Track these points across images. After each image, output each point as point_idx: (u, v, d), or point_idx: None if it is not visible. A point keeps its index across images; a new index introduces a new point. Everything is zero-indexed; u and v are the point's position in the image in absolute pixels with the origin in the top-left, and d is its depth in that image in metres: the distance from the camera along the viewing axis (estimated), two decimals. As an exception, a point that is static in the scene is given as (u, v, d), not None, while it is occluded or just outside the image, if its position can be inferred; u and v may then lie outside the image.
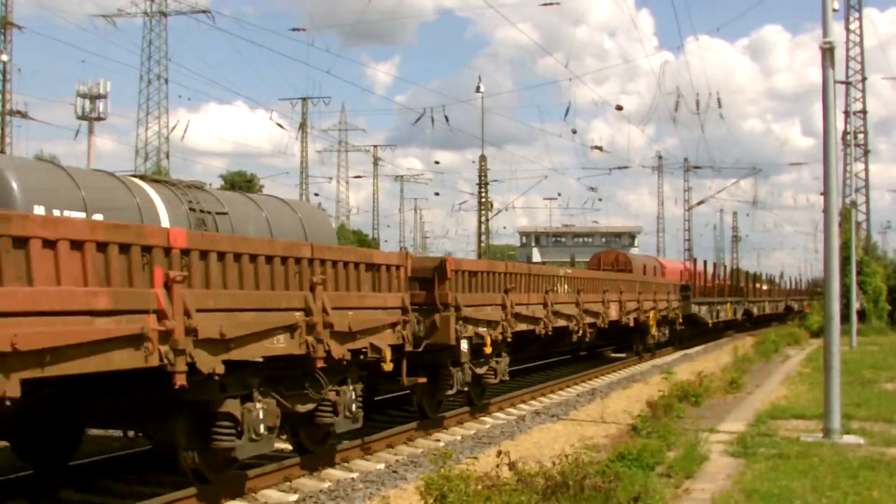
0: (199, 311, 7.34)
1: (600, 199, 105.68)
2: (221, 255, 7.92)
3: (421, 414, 13.50)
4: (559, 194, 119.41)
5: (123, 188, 10.83)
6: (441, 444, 12.48)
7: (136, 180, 11.49)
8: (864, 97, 43.72)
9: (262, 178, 69.02)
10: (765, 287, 54.31)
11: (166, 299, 7.02)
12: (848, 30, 42.92)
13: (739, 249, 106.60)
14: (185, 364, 7.19)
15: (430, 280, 12.48)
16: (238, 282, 8.14)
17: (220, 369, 7.63)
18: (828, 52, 12.41)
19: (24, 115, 40.58)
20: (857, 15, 43.18)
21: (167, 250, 7.21)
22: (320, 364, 9.31)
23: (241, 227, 12.50)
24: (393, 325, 10.98)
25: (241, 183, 71.32)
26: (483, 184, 53.46)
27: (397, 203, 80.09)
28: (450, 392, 13.30)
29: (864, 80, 43.52)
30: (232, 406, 8.29)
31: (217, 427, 8.30)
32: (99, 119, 76.61)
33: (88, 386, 7.39)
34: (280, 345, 8.60)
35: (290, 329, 8.75)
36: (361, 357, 10.34)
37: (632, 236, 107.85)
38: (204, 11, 54.65)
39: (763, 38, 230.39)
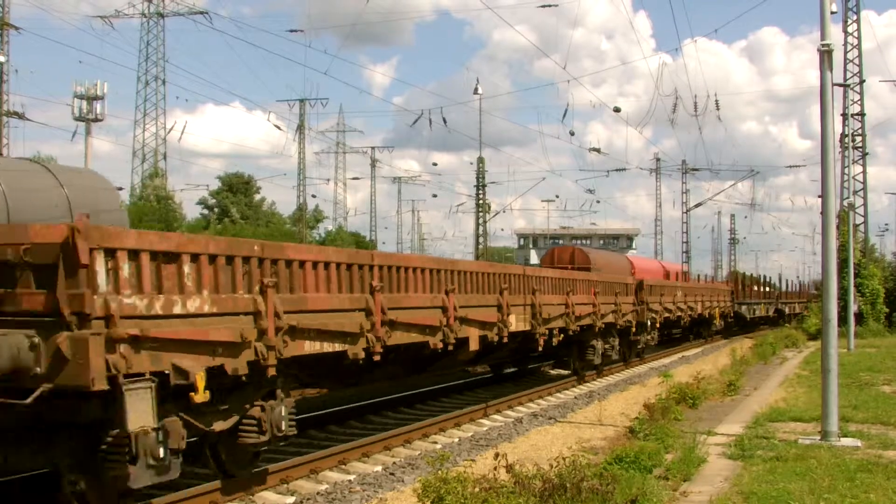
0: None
1: (598, 201, 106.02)
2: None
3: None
4: (557, 196, 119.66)
5: None
6: (438, 446, 12.47)
7: None
8: (861, 100, 43.75)
9: (259, 180, 68.99)
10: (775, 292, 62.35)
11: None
12: (846, 32, 42.92)
13: (737, 252, 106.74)
14: None
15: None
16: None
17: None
18: (826, 55, 12.41)
19: (21, 116, 40.51)
20: (855, 17, 43.21)
21: None
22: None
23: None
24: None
25: (238, 184, 71.36)
26: (481, 185, 53.51)
27: (395, 205, 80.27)
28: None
29: (862, 82, 43.52)
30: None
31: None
32: (96, 120, 76.49)
33: None
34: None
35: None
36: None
37: (630, 238, 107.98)
38: (202, 13, 54.80)
39: (760, 41, 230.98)
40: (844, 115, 41.33)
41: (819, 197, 15.24)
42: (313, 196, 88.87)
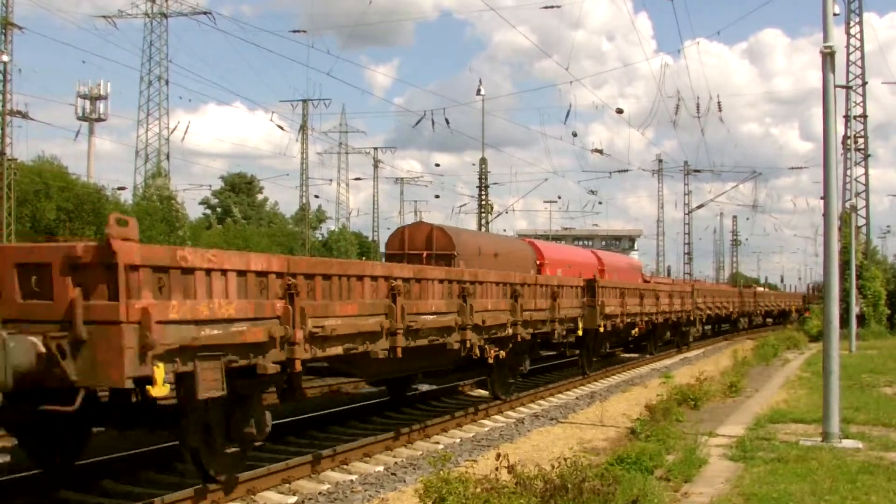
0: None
1: (600, 203, 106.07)
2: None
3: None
4: (559, 197, 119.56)
5: None
6: (440, 446, 12.49)
7: None
8: (864, 101, 43.75)
9: (262, 180, 69.05)
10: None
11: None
12: (848, 34, 42.92)
13: (739, 253, 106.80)
14: None
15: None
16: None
17: None
18: (828, 57, 12.42)
19: (24, 116, 40.57)
20: (857, 19, 43.21)
21: None
22: None
23: None
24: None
25: (241, 184, 71.45)
26: (483, 186, 53.51)
27: (397, 205, 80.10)
28: None
29: (864, 84, 43.52)
30: None
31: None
32: (99, 120, 76.57)
33: None
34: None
35: None
36: None
37: (632, 239, 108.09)
38: (205, 13, 54.82)
39: (762, 42, 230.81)
40: (846, 117, 41.31)
41: (821, 199, 15.24)
42: (316, 196, 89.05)
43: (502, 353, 14.49)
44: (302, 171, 66.88)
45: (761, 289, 72.28)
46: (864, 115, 43.68)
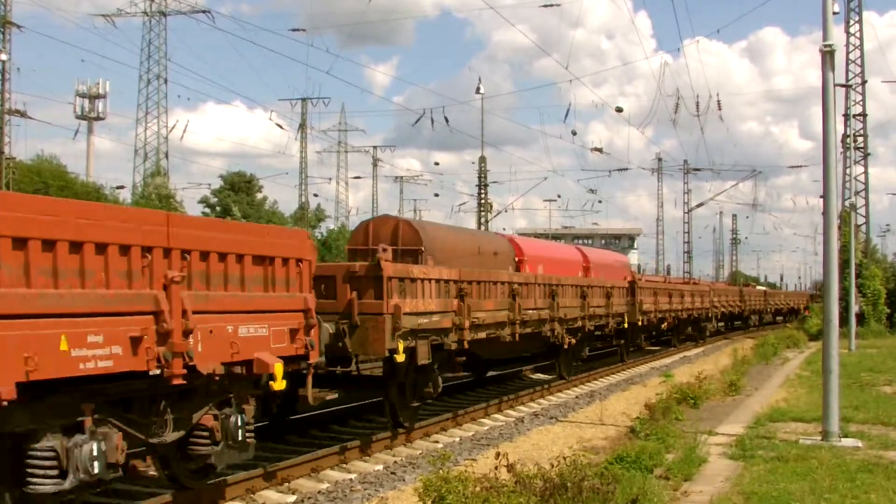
0: None
1: (600, 201, 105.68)
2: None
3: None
4: (559, 196, 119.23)
5: None
6: (439, 445, 12.48)
7: None
8: (864, 100, 43.72)
9: (261, 179, 68.90)
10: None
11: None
12: (848, 33, 42.88)
13: (739, 252, 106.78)
14: None
15: None
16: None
17: None
18: (828, 55, 12.41)
19: (23, 115, 40.53)
20: (857, 18, 43.17)
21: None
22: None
23: None
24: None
25: (240, 183, 71.40)
26: (482, 185, 53.49)
27: (397, 204, 79.90)
28: None
29: (864, 83, 43.49)
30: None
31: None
32: (98, 119, 76.49)
33: None
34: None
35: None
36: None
37: (631, 238, 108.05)
38: (204, 11, 54.72)
39: (761, 41, 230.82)
40: (846, 116, 41.29)
41: (821, 197, 15.25)
42: (315, 195, 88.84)
43: (573, 341, 18.81)
44: (301, 169, 66.90)
45: (760, 288, 73.14)
46: (864, 114, 43.65)
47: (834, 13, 12.85)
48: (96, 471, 6.57)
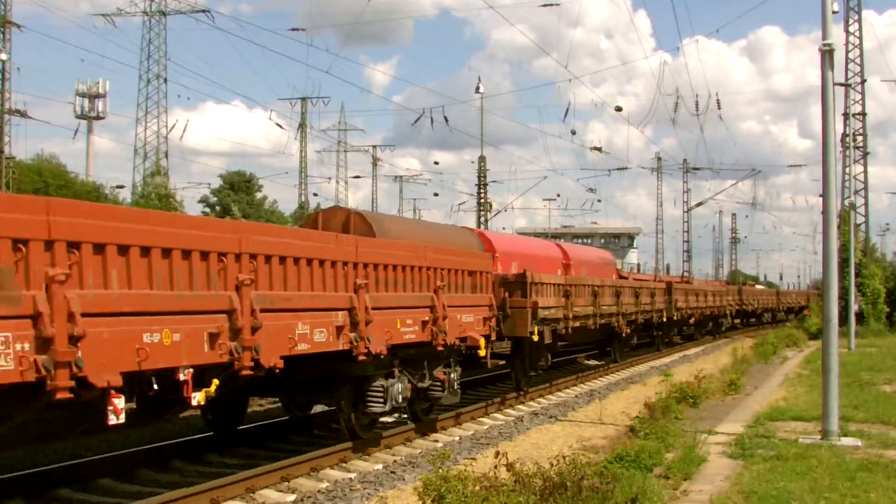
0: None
1: (599, 200, 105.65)
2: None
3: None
4: (558, 195, 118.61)
5: None
6: (439, 444, 12.49)
7: None
8: (863, 99, 43.73)
9: (260, 178, 68.83)
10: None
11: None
12: (847, 32, 42.88)
13: (738, 251, 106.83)
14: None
15: None
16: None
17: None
18: (827, 54, 12.41)
19: (23, 114, 40.51)
20: (856, 17, 43.16)
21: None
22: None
23: None
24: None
25: (240, 182, 71.38)
26: (482, 184, 53.47)
27: (396, 203, 79.88)
28: None
29: (863, 82, 43.48)
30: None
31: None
32: (98, 118, 76.49)
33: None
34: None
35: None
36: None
37: (631, 237, 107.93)
38: (203, 11, 54.70)
39: (760, 40, 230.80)
40: (845, 115, 41.30)
41: (820, 196, 15.26)
42: (315, 194, 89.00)
43: (629, 331, 24.72)
44: (301, 169, 66.83)
45: (760, 287, 74.33)
46: (863, 113, 43.67)
47: (833, 12, 12.86)
48: (400, 401, 11.53)
